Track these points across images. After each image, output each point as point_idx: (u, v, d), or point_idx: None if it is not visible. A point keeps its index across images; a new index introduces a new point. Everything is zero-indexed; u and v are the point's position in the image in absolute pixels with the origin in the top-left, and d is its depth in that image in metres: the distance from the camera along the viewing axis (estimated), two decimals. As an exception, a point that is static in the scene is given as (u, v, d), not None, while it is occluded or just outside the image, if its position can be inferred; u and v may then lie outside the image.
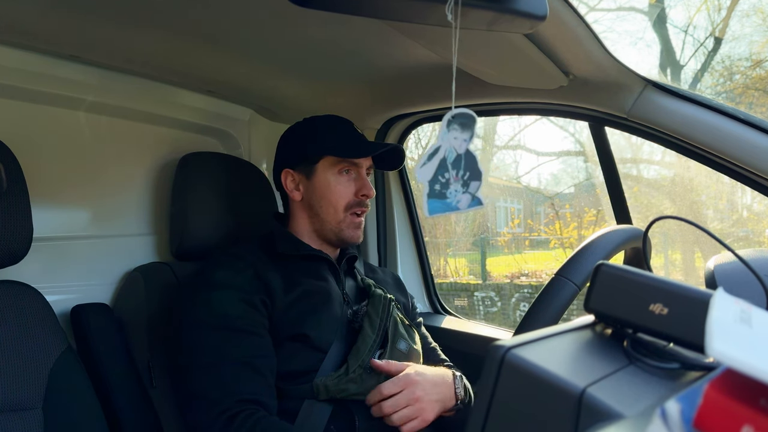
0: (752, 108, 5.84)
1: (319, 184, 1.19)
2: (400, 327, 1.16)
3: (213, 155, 1.43)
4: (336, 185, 1.19)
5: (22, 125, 1.22)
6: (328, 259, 1.21)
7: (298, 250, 1.18)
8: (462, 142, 0.63)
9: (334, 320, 1.13)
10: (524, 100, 1.34)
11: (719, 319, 0.38)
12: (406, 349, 1.12)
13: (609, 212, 1.37)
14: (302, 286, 1.13)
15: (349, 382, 1.05)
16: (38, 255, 1.14)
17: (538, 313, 0.87)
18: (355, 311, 1.17)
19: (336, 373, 1.06)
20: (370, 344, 1.09)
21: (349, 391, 1.04)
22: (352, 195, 1.19)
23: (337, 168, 1.19)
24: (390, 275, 1.42)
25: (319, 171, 1.19)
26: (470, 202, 0.65)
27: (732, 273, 0.73)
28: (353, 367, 1.06)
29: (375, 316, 1.13)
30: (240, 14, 0.98)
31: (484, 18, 0.63)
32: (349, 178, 1.20)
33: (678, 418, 0.33)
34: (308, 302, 1.11)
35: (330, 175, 1.19)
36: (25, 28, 1.03)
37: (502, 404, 0.43)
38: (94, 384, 1.11)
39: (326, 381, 1.05)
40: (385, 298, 1.16)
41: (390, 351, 1.10)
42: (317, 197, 1.20)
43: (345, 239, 1.21)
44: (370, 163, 1.24)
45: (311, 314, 1.10)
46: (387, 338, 1.11)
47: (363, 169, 1.21)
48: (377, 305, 1.14)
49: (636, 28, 8.97)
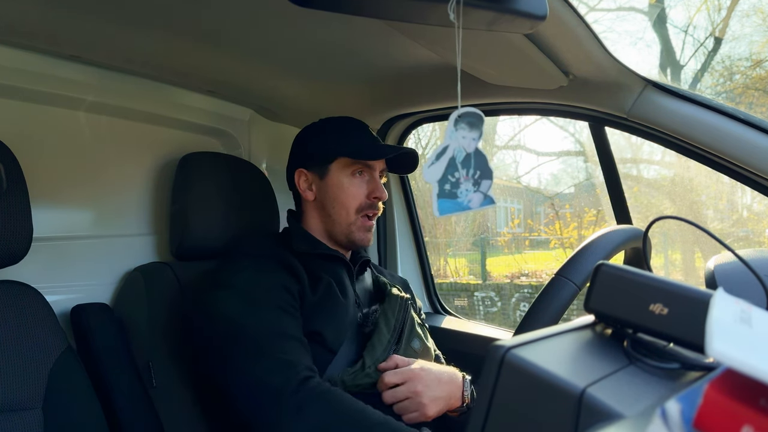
0: (752, 108, 5.84)
1: (332, 185, 1.20)
2: (416, 326, 1.17)
3: (213, 155, 1.43)
4: (349, 186, 1.19)
5: (22, 125, 1.22)
6: (343, 260, 1.22)
7: (315, 248, 1.19)
8: (471, 141, 0.63)
9: (347, 322, 1.13)
10: (524, 100, 1.34)
11: (719, 319, 0.38)
12: (419, 348, 1.14)
13: (609, 212, 1.37)
14: (325, 284, 1.14)
15: (366, 377, 1.06)
16: (38, 255, 1.14)
17: (538, 313, 0.87)
18: (365, 314, 1.18)
19: (352, 369, 1.07)
20: (386, 343, 1.10)
21: (364, 385, 1.06)
22: (365, 197, 1.20)
23: (351, 170, 1.19)
24: (398, 279, 1.43)
25: (332, 172, 1.20)
26: (482, 201, 0.64)
27: (732, 273, 0.73)
28: (369, 363, 1.07)
29: (391, 315, 1.14)
30: (240, 14, 0.98)
31: (485, 18, 0.63)
32: (362, 180, 1.20)
33: (678, 418, 0.34)
34: (329, 300, 1.13)
35: (343, 177, 1.19)
36: (25, 28, 1.03)
37: (502, 404, 0.43)
38: (94, 384, 1.11)
39: (343, 376, 1.06)
40: (402, 298, 1.17)
41: (404, 349, 1.11)
42: (330, 198, 1.20)
43: (355, 241, 1.21)
44: (384, 166, 1.24)
45: (329, 313, 1.11)
46: (402, 336, 1.13)
47: (376, 172, 1.22)
48: (393, 304, 1.16)
49: (636, 28, 8.97)
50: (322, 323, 1.09)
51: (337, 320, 1.12)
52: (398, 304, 1.16)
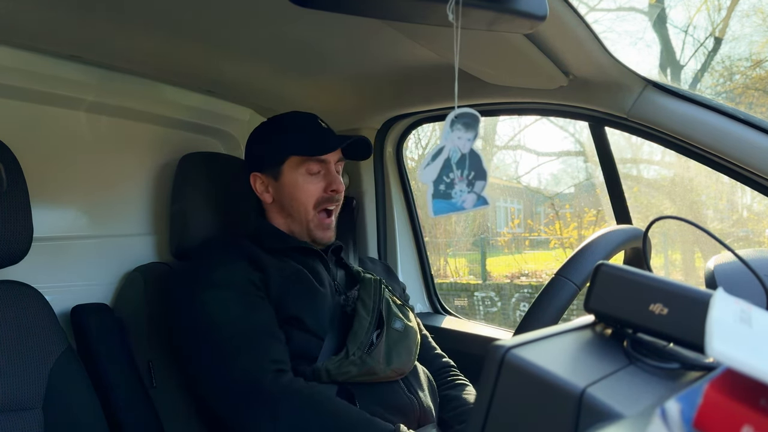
0: (752, 108, 5.84)
1: (287, 185, 1.19)
2: (393, 307, 1.16)
3: (213, 155, 1.43)
4: (304, 184, 1.18)
5: (22, 125, 1.22)
6: (315, 250, 1.21)
7: (286, 243, 1.19)
8: (466, 142, 0.63)
9: (328, 307, 1.13)
10: (524, 100, 1.34)
11: (719, 319, 0.38)
12: (401, 328, 1.13)
13: (609, 212, 1.37)
14: (292, 269, 1.14)
15: (350, 365, 1.05)
16: (38, 255, 1.14)
17: (538, 313, 0.87)
18: (347, 296, 1.17)
19: (336, 357, 1.06)
20: (366, 326, 1.09)
21: (351, 374, 1.05)
22: (321, 191, 1.19)
23: (304, 167, 1.18)
24: (380, 264, 1.43)
25: (285, 172, 1.19)
26: (476, 202, 0.65)
27: (732, 273, 0.73)
28: (352, 350, 1.06)
29: (368, 299, 1.13)
30: (240, 14, 0.98)
31: (485, 18, 0.63)
32: (318, 175, 1.19)
33: (678, 418, 0.33)
34: (302, 288, 1.13)
35: (297, 175, 1.18)
36: (25, 28, 1.03)
37: (502, 404, 0.43)
38: (94, 384, 1.11)
39: (327, 365, 1.05)
40: (375, 280, 1.17)
41: (387, 331, 1.11)
42: (287, 198, 1.20)
43: (315, 239, 1.21)
44: (339, 157, 1.22)
45: (306, 300, 1.11)
46: (382, 319, 1.12)
47: (331, 165, 1.20)
48: (368, 288, 1.15)
49: (636, 28, 8.96)
50: (299, 308, 1.09)
51: (316, 305, 1.11)
52: (372, 286, 1.15)
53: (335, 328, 1.12)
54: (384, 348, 1.08)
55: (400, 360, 1.09)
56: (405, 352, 1.11)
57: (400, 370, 1.10)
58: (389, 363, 1.07)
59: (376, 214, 1.76)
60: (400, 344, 1.10)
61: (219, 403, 1.02)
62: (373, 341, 1.08)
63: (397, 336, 1.11)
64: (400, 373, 1.10)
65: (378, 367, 1.05)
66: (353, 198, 1.71)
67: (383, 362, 1.06)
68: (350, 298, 1.16)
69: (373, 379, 1.07)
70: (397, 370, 1.09)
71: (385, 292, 1.18)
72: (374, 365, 1.05)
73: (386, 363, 1.07)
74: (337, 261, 1.29)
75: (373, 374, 1.06)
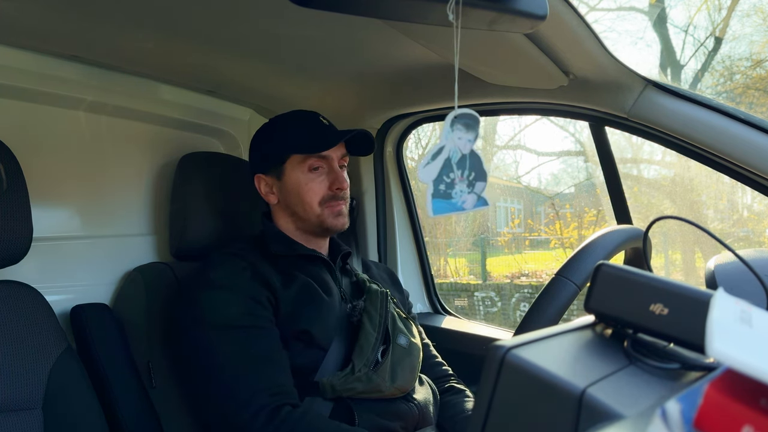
0: (752, 108, 5.84)
1: (291, 185, 1.17)
2: (399, 322, 1.15)
3: (213, 155, 1.43)
4: (307, 183, 1.16)
5: (22, 125, 1.22)
6: (322, 258, 1.20)
7: (292, 250, 1.17)
8: (466, 142, 0.63)
9: (334, 316, 1.12)
10: (524, 100, 1.34)
11: (719, 319, 0.38)
12: (406, 344, 1.13)
13: (609, 212, 1.37)
14: (301, 282, 1.12)
15: (356, 381, 1.05)
16: (38, 255, 1.14)
17: (539, 314, 0.87)
18: (353, 305, 1.16)
19: (342, 373, 1.05)
20: (373, 342, 1.09)
21: (356, 390, 1.04)
22: (326, 190, 1.16)
23: (306, 165, 1.15)
24: (385, 270, 1.42)
25: (288, 172, 1.17)
26: (476, 203, 0.65)
27: (732, 273, 0.73)
28: (359, 366, 1.06)
29: (374, 312, 1.12)
30: (240, 14, 0.98)
31: (485, 18, 0.63)
32: (321, 173, 1.16)
33: (678, 418, 0.33)
34: (308, 298, 1.11)
35: (300, 174, 1.16)
36: (25, 28, 1.03)
37: (502, 404, 0.43)
38: (94, 384, 1.11)
39: (332, 380, 1.04)
40: (381, 293, 1.16)
41: (392, 347, 1.10)
42: (292, 198, 1.18)
43: (329, 228, 1.18)
44: (342, 153, 1.19)
45: (313, 311, 1.10)
46: (388, 335, 1.11)
47: (334, 162, 1.17)
48: (375, 300, 1.14)
49: (636, 27, 8.96)
50: (307, 322, 1.08)
51: (323, 317, 1.10)
52: (378, 299, 1.14)
53: (340, 337, 1.12)
54: (389, 366, 1.07)
55: (404, 378, 1.09)
56: (408, 369, 1.10)
57: (403, 387, 1.10)
58: (393, 380, 1.07)
59: (376, 214, 1.76)
60: (405, 361, 1.10)
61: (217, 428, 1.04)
62: (379, 359, 1.08)
63: (402, 353, 1.11)
64: (402, 390, 1.10)
65: (383, 385, 1.05)
66: (353, 198, 1.71)
67: (388, 379, 1.06)
68: (357, 308, 1.15)
69: (377, 396, 1.06)
70: (400, 388, 1.09)
71: (391, 305, 1.17)
72: (380, 383, 1.05)
73: (391, 380, 1.06)
74: (344, 268, 1.27)
75: (378, 392, 1.06)
